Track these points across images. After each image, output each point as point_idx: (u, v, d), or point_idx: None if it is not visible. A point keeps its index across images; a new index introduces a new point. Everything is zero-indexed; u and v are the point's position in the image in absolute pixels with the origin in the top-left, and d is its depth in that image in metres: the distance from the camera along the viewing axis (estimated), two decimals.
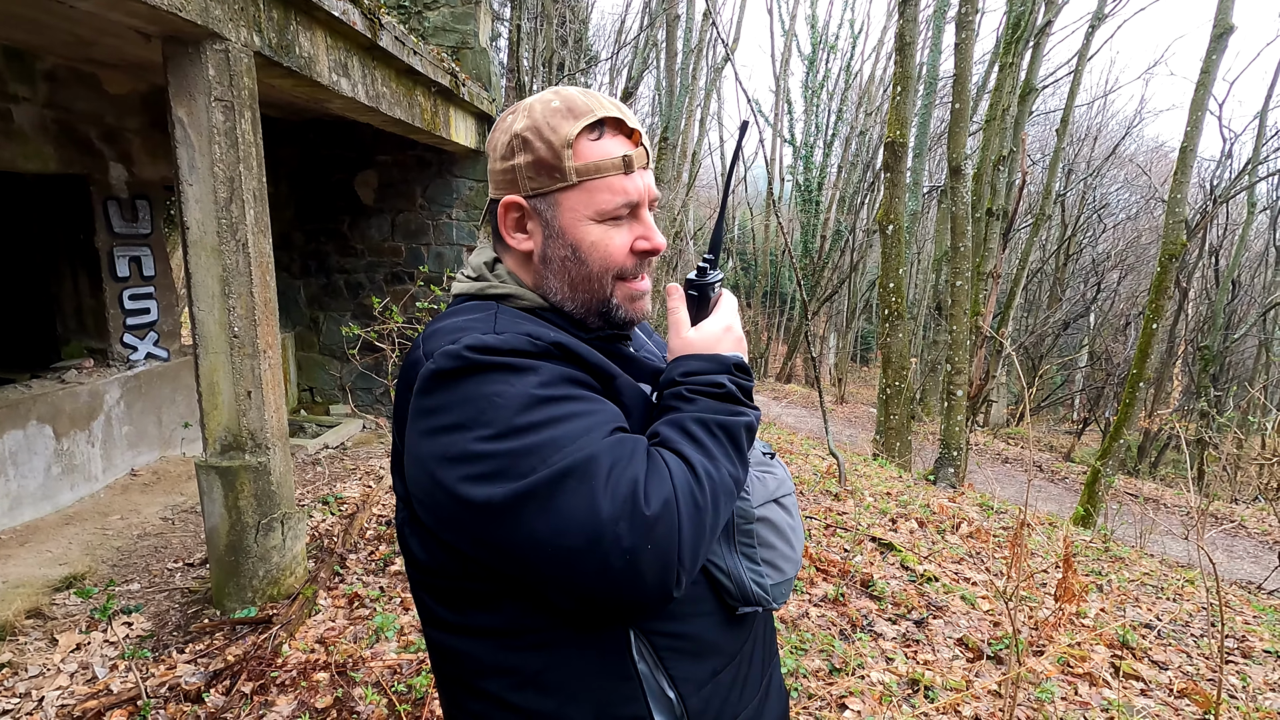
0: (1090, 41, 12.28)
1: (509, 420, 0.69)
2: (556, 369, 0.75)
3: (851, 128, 20.02)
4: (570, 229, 0.84)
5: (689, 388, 0.80)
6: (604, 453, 0.69)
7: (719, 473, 0.74)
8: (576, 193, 0.82)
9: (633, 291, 0.88)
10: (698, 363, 0.82)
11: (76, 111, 4.37)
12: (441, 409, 0.72)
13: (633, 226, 0.86)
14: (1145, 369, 8.06)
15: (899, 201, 8.16)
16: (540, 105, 0.83)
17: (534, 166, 0.82)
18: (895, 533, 4.48)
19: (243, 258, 2.81)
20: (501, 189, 0.86)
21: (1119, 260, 20.67)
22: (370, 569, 3.42)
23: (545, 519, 0.67)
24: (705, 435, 0.76)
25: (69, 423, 4.26)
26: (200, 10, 2.51)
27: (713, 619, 0.86)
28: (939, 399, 16.07)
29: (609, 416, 0.75)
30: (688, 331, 0.86)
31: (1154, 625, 3.43)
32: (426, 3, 5.77)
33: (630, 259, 0.86)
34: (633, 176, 0.83)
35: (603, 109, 0.82)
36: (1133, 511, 8.64)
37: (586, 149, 0.81)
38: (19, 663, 2.63)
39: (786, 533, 0.90)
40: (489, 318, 0.81)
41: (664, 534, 0.67)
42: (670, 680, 0.81)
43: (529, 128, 0.82)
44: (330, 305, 6.42)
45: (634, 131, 0.84)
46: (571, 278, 0.86)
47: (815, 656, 2.81)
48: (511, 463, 0.68)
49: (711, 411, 0.78)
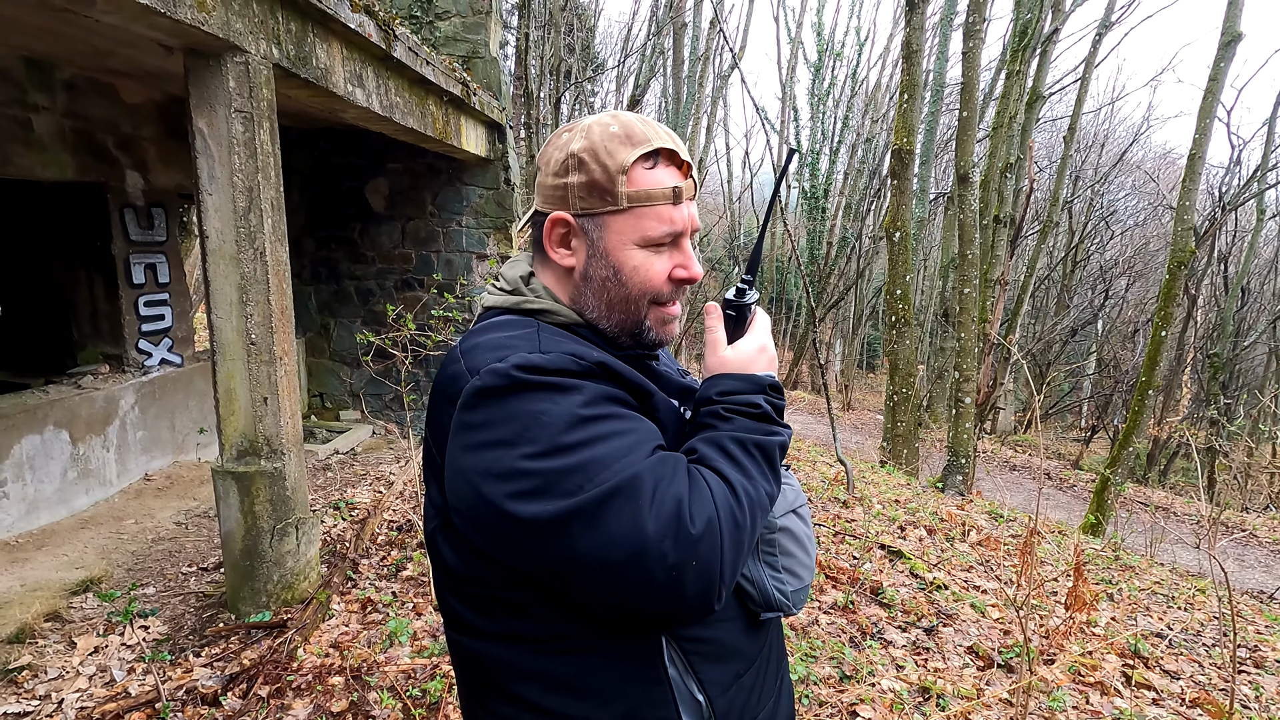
0: (1098, 48, 12.30)
1: (554, 439, 0.71)
2: (599, 388, 0.77)
3: (858, 135, 20.05)
4: (614, 251, 0.86)
5: (726, 407, 0.83)
6: (648, 471, 0.72)
7: (756, 491, 0.78)
8: (625, 217, 0.85)
9: (665, 315, 0.91)
10: (734, 382, 0.85)
11: (94, 120, 4.43)
12: (487, 425, 0.74)
13: (673, 255, 0.88)
14: (1154, 376, 8.04)
15: (906, 208, 8.18)
16: (599, 129, 0.84)
17: (587, 187, 0.84)
18: (904, 540, 4.48)
19: (260, 266, 2.85)
20: (550, 204, 0.88)
21: (1127, 267, 20.61)
22: (382, 574, 3.44)
23: (592, 536, 0.69)
24: (743, 454, 0.79)
25: (85, 428, 4.31)
26: (222, 24, 2.55)
27: (737, 624, 0.89)
28: (946, 406, 16.02)
29: (649, 434, 0.78)
30: (725, 350, 0.89)
31: (1165, 634, 3.42)
32: (438, 13, 5.83)
33: (668, 285, 0.88)
34: (680, 207, 0.86)
35: (659, 140, 0.84)
36: (1142, 520, 8.60)
37: (640, 176, 0.84)
38: (38, 665, 2.66)
39: (804, 541, 0.94)
40: (532, 335, 0.83)
41: (707, 551, 0.70)
42: (699, 684, 0.84)
43: (586, 149, 0.84)
44: (341, 312, 6.47)
45: (685, 164, 0.87)
46: (610, 298, 0.88)
47: (826, 664, 2.81)
48: (558, 480, 0.70)
49: (748, 431, 0.81)
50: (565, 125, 0.90)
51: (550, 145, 0.89)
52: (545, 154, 0.89)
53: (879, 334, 25.50)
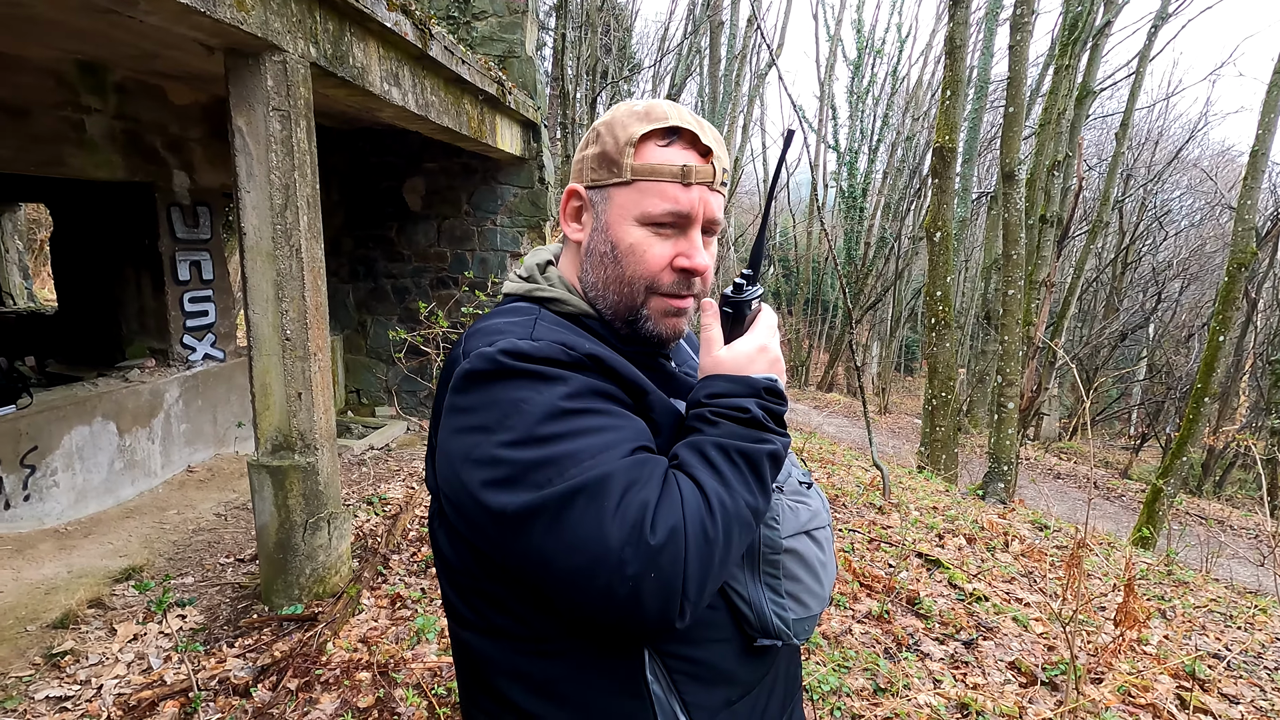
0: (1153, 42, 11.82)
1: (531, 428, 0.70)
2: (586, 381, 0.74)
3: (898, 133, 19.66)
4: (613, 226, 0.83)
5: (713, 410, 0.77)
6: (620, 472, 0.69)
7: (734, 502, 0.71)
8: (628, 191, 0.82)
9: (668, 307, 0.85)
10: (725, 384, 0.79)
11: (143, 121, 4.57)
12: (470, 409, 0.74)
13: (678, 242, 0.83)
14: (1211, 383, 7.68)
15: (947, 208, 7.97)
16: (625, 107, 0.84)
17: (598, 159, 0.83)
18: (942, 549, 4.34)
19: (296, 263, 2.88)
20: (574, 179, 0.88)
21: (1181, 269, 19.79)
22: (413, 570, 3.46)
23: (555, 535, 0.67)
24: (724, 462, 0.73)
25: (132, 420, 4.44)
26: (260, 23, 2.59)
27: (730, 647, 0.84)
28: (986, 411, 15.59)
29: (633, 434, 0.74)
30: (719, 350, 0.82)
31: (1223, 655, 3.24)
32: (475, 13, 5.87)
33: (668, 274, 0.83)
34: (689, 190, 0.81)
35: (679, 120, 0.82)
36: (1196, 533, 8.22)
37: (650, 151, 0.81)
38: (80, 650, 2.73)
39: (815, 567, 0.86)
40: (528, 323, 0.81)
41: (668, 564, 0.66)
42: (683, 705, 0.80)
43: (605, 123, 0.84)
44: (377, 309, 6.56)
45: (708, 150, 0.82)
46: (605, 276, 0.85)
47: (859, 675, 2.73)
48: (528, 472, 0.69)
49: (733, 437, 0.75)
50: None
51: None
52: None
53: (917, 337, 24.97)
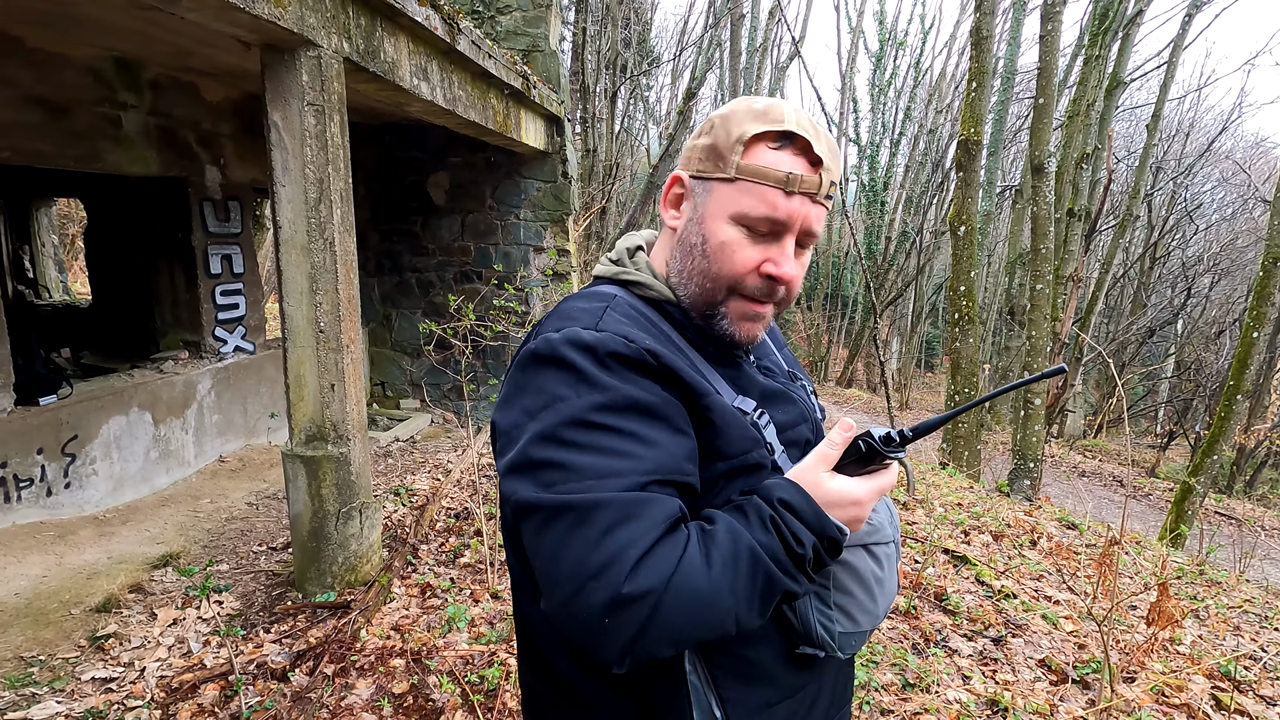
0: (1186, 30, 11.55)
1: (557, 428, 0.72)
2: (628, 394, 0.73)
3: (920, 126, 19.42)
4: (709, 219, 0.84)
5: (775, 518, 0.73)
6: (614, 505, 0.68)
7: (727, 605, 0.69)
8: (730, 188, 0.82)
9: (748, 311, 0.85)
10: (804, 506, 0.74)
11: (177, 118, 4.64)
12: (520, 389, 0.77)
13: (769, 247, 0.82)
14: (1243, 380, 7.51)
15: (971, 201, 7.86)
16: (745, 103, 0.84)
17: (708, 150, 0.83)
18: (968, 545, 4.31)
19: (329, 256, 2.92)
20: (681, 166, 0.89)
21: (1212, 264, 19.35)
22: (441, 560, 3.51)
23: (542, 537, 0.70)
24: (748, 569, 0.70)
25: (166, 410, 4.53)
26: (296, 19, 2.62)
27: (773, 650, 0.84)
28: (1010, 408, 15.38)
29: (653, 463, 0.72)
30: (825, 472, 0.76)
31: (1259, 657, 3.19)
32: (499, 7, 5.89)
33: (754, 278, 0.83)
34: (791, 199, 0.80)
35: (796, 125, 0.80)
36: (1226, 532, 8.07)
37: (759, 153, 0.81)
38: (123, 634, 2.81)
39: (869, 583, 0.84)
40: (598, 311, 0.81)
41: (628, 618, 0.65)
42: (719, 699, 0.80)
43: (722, 115, 0.84)
44: (402, 303, 6.63)
45: (818, 160, 0.81)
46: (691, 267, 0.85)
47: (887, 670, 2.72)
48: (538, 469, 0.71)
49: (773, 556, 0.71)
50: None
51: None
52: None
53: (938, 332, 24.70)
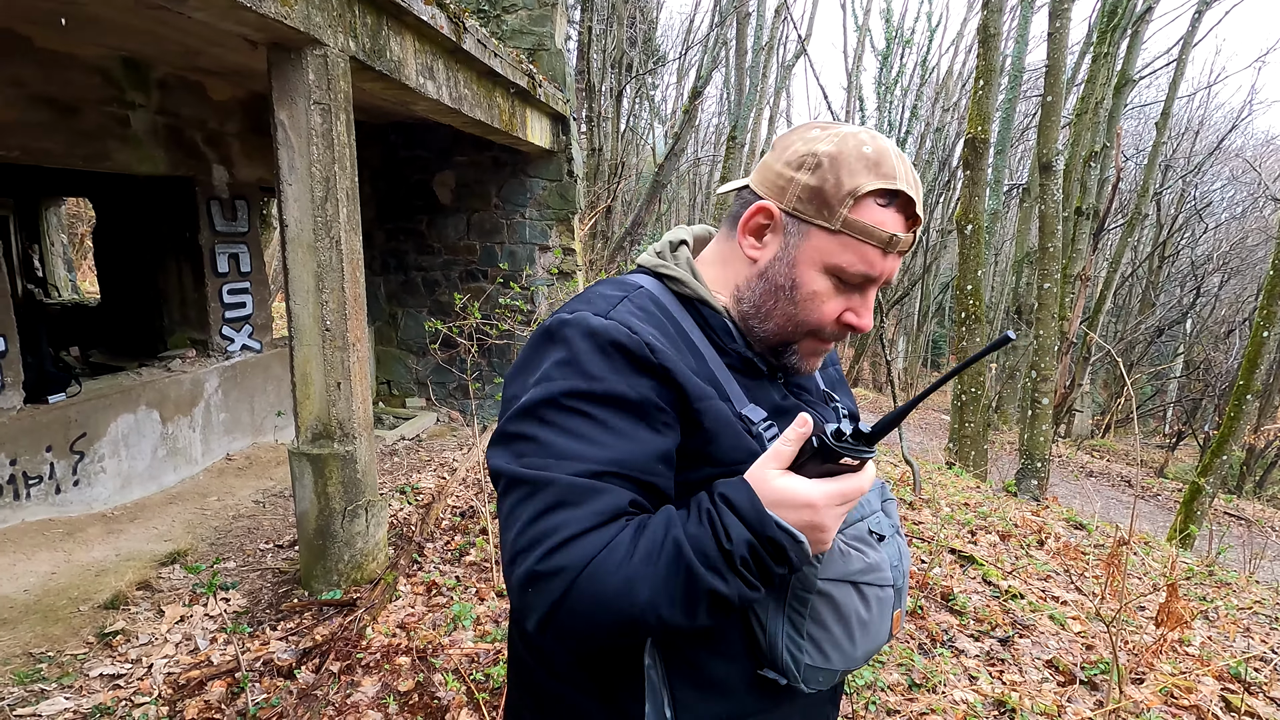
0: (1196, 27, 11.47)
1: (538, 404, 0.74)
2: (611, 390, 0.73)
3: (927, 124, 19.35)
4: (801, 264, 0.82)
5: (711, 512, 0.69)
6: (560, 487, 0.69)
7: (639, 595, 0.66)
8: (831, 240, 0.80)
9: (818, 349, 0.88)
10: (744, 502, 0.68)
11: (184, 117, 4.66)
12: (526, 361, 0.81)
13: (851, 298, 0.83)
14: (1254, 380, 7.45)
15: (979, 200, 7.84)
16: (854, 142, 0.79)
17: (811, 191, 0.79)
18: (975, 545, 4.29)
19: (335, 254, 2.93)
20: (766, 189, 0.83)
21: (1221, 263, 19.21)
22: (446, 558, 3.51)
23: (501, 505, 0.74)
24: (672, 560, 0.67)
25: (174, 408, 4.55)
26: (303, 18, 2.63)
27: (736, 666, 0.81)
28: (1016, 407, 15.32)
29: (616, 455, 0.71)
30: (773, 468, 0.70)
31: (1270, 658, 3.16)
32: (505, 6, 5.89)
33: (834, 325, 0.84)
34: (888, 258, 0.81)
35: (905, 185, 0.79)
36: (1235, 533, 8.02)
37: (867, 209, 0.78)
38: (131, 631, 2.82)
39: (851, 622, 0.79)
40: (615, 299, 0.82)
41: (544, 593, 0.67)
42: (672, 701, 0.79)
43: (830, 155, 0.79)
44: (408, 302, 6.64)
45: (916, 219, 0.81)
46: (773, 307, 0.84)
47: (893, 670, 2.71)
48: (512, 440, 0.75)
49: (698, 549, 0.67)
50: (820, 123, 0.85)
51: (795, 133, 0.84)
52: (786, 140, 0.84)
53: (944, 331, 24.61)
